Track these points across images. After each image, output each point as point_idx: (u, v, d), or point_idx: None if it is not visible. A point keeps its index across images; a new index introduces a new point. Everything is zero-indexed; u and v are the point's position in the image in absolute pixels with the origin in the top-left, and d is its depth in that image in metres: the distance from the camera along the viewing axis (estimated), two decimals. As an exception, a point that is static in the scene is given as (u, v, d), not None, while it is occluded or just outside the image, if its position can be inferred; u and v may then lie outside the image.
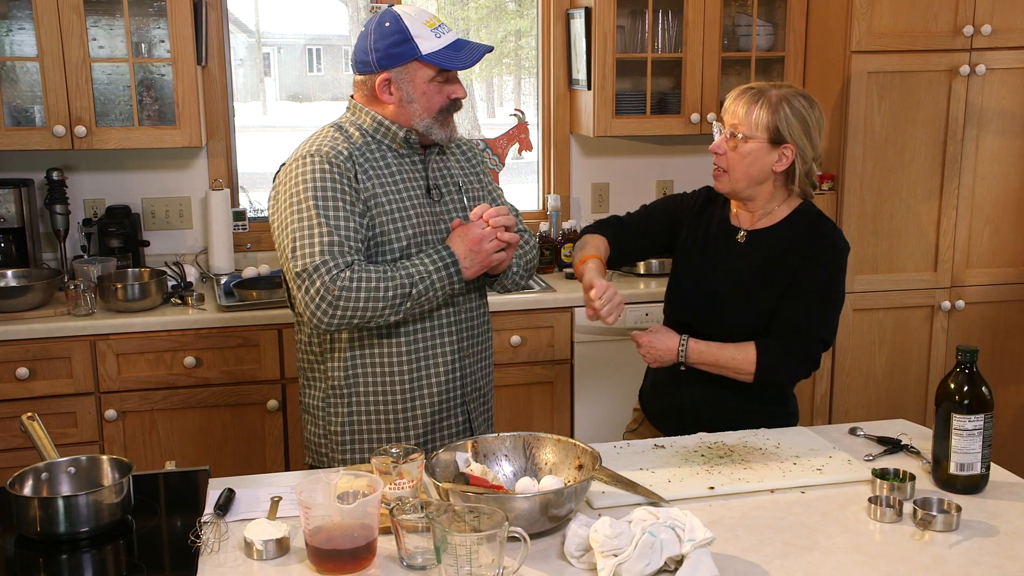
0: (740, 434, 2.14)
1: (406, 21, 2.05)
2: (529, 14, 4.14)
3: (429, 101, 2.09)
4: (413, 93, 2.08)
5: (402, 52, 2.05)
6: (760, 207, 2.27)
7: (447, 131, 2.15)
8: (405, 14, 2.07)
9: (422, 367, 2.15)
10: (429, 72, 2.07)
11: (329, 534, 1.55)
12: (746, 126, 2.17)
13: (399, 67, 2.07)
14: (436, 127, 2.12)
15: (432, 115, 2.11)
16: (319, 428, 2.21)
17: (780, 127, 2.17)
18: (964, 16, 3.42)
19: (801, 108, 2.18)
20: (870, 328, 3.58)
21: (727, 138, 2.21)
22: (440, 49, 2.05)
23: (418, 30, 2.05)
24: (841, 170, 3.48)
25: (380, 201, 2.08)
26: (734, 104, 2.21)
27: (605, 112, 3.59)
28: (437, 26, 2.08)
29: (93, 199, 3.53)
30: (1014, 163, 3.58)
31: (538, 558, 1.60)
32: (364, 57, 2.10)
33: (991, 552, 1.63)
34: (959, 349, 1.84)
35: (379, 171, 2.10)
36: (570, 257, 3.70)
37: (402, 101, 2.09)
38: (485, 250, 2.06)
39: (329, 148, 2.07)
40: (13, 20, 3.30)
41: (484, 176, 2.32)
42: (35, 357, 3.00)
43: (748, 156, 2.19)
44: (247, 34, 4.19)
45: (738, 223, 2.31)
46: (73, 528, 1.70)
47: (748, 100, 2.19)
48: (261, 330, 3.14)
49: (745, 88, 2.23)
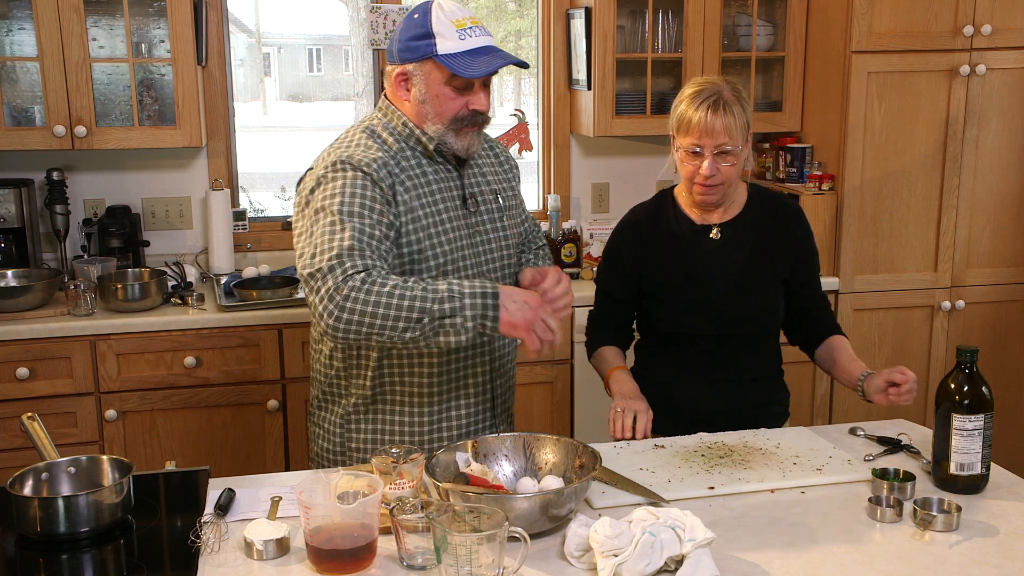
0: (740, 434, 2.14)
1: (433, 15, 1.93)
2: (529, 14, 4.14)
3: (442, 105, 1.96)
4: (427, 93, 1.97)
5: (419, 47, 1.94)
6: (729, 199, 2.29)
7: (464, 142, 2.01)
8: (437, 8, 1.94)
9: (452, 387, 2.07)
10: (443, 74, 1.94)
11: (329, 534, 1.55)
12: (734, 139, 2.15)
13: (416, 62, 1.96)
14: (450, 135, 1.99)
15: (445, 121, 1.98)
16: (334, 446, 2.13)
17: (750, 121, 2.20)
18: (964, 16, 3.42)
19: (745, 94, 2.21)
20: (870, 328, 3.58)
21: (713, 158, 2.16)
22: (458, 52, 1.92)
23: (442, 27, 1.92)
24: (841, 170, 3.48)
25: (417, 215, 1.97)
26: (714, 123, 2.12)
27: (605, 112, 3.59)
28: (466, 27, 1.93)
29: (93, 199, 3.53)
30: (1014, 163, 3.58)
31: (538, 558, 1.60)
32: (391, 46, 2.00)
33: (991, 552, 1.63)
34: (959, 349, 1.84)
35: (416, 181, 1.99)
36: (570, 257, 3.70)
37: (416, 100, 1.99)
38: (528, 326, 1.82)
39: (363, 155, 1.94)
40: (13, 20, 3.30)
41: (515, 181, 2.23)
42: (35, 357, 3.00)
43: (739, 163, 2.20)
44: (247, 34, 4.19)
45: (705, 221, 2.31)
46: (73, 528, 1.70)
47: (724, 113, 2.13)
48: (261, 330, 3.14)
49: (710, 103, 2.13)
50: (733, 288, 2.27)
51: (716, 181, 2.19)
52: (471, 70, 1.92)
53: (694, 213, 2.32)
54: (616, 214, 2.49)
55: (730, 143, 2.15)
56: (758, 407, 2.32)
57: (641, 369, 2.40)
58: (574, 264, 3.70)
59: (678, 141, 2.21)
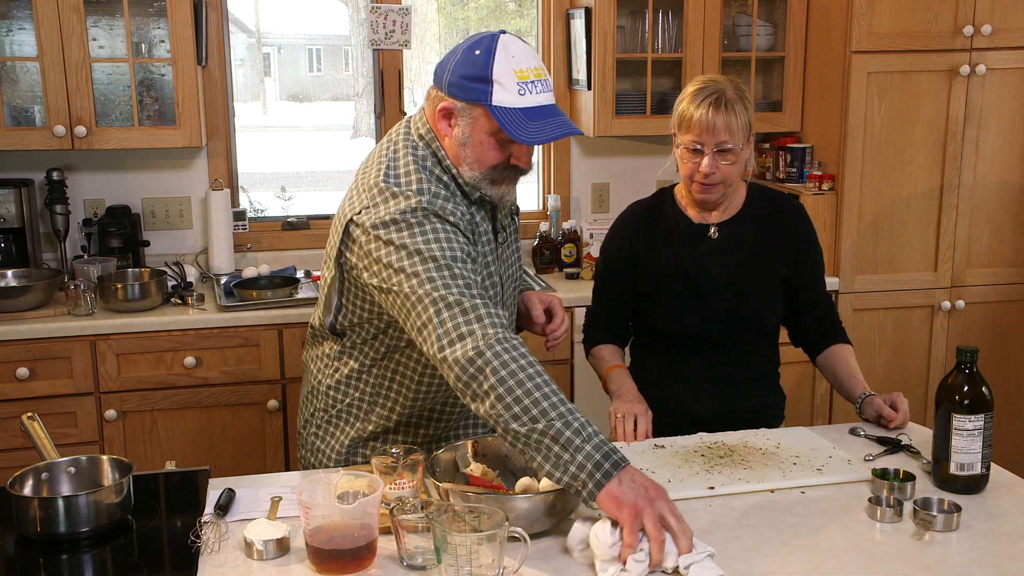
0: (740, 434, 2.14)
1: (497, 58, 1.76)
2: (529, 14, 4.14)
3: (483, 154, 1.82)
4: (470, 138, 1.82)
5: (473, 89, 1.78)
6: (728, 199, 2.29)
7: (499, 192, 1.88)
8: (503, 49, 1.77)
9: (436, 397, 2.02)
10: (491, 125, 1.79)
11: (329, 534, 1.55)
12: (735, 137, 2.16)
13: (465, 103, 1.80)
14: (486, 184, 1.86)
15: (483, 169, 1.84)
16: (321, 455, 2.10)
17: (751, 121, 2.20)
18: (964, 16, 3.42)
19: (748, 93, 2.22)
20: (870, 328, 3.58)
21: (713, 156, 2.16)
22: (514, 108, 1.76)
23: (502, 76, 1.76)
24: (841, 170, 3.48)
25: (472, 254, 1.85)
26: (715, 120, 2.13)
27: (605, 112, 3.59)
28: (529, 80, 1.77)
29: (93, 199, 3.53)
30: (1014, 163, 3.58)
31: (538, 558, 1.60)
32: (441, 72, 1.84)
33: (991, 552, 1.63)
34: (959, 349, 1.84)
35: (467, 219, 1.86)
36: (570, 257, 3.70)
37: (457, 140, 1.84)
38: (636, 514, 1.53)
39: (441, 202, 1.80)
40: (13, 20, 3.30)
41: None
42: (35, 357, 3.00)
43: (740, 162, 2.20)
44: (247, 34, 4.19)
45: (703, 220, 2.31)
46: (73, 528, 1.70)
47: (725, 111, 2.13)
48: (261, 330, 3.14)
49: (711, 101, 2.14)
50: (729, 288, 2.26)
51: (715, 180, 2.19)
52: (524, 135, 1.76)
53: (692, 212, 2.31)
54: (616, 214, 2.49)
55: (731, 141, 2.15)
56: (752, 409, 2.31)
57: (637, 368, 2.40)
58: (574, 264, 3.70)
59: (679, 138, 2.21)
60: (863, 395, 2.23)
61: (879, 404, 2.19)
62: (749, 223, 2.29)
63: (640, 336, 2.42)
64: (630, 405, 2.18)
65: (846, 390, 2.29)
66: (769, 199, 2.34)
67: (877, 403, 2.19)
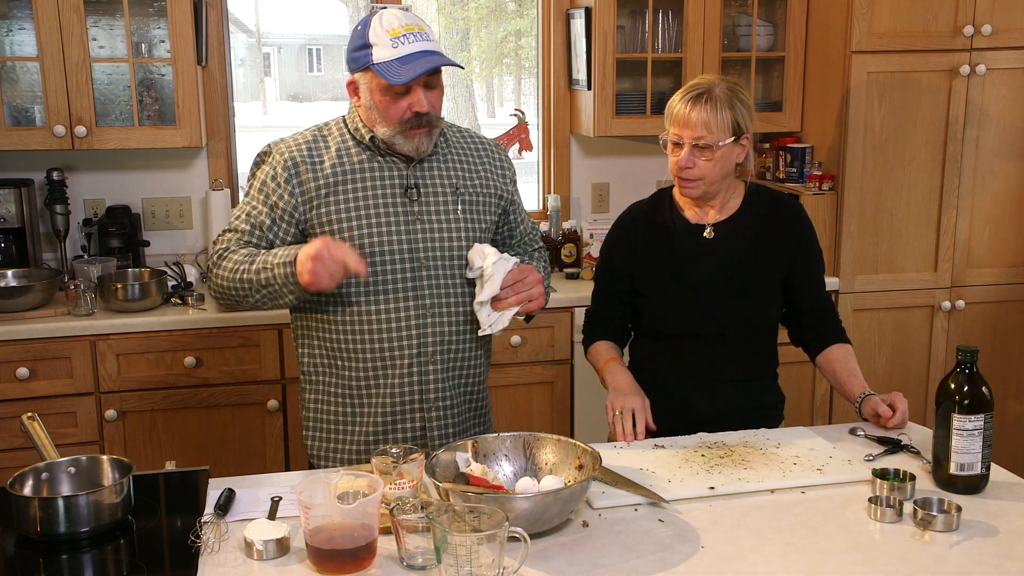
0: (740, 434, 2.14)
1: (371, 27, 2.02)
2: (529, 14, 4.15)
3: (386, 111, 2.05)
4: (371, 100, 2.06)
5: (359, 58, 2.04)
6: (722, 200, 2.29)
7: (412, 144, 2.08)
8: (376, 18, 2.03)
9: (378, 366, 2.12)
10: (380, 82, 2.02)
11: (329, 534, 1.55)
12: (712, 134, 2.16)
13: (359, 72, 2.06)
14: (400, 138, 2.07)
15: (392, 125, 2.06)
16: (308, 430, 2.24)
17: (739, 121, 2.20)
18: (964, 16, 3.42)
19: (745, 96, 2.22)
20: (870, 328, 3.58)
21: (691, 150, 2.18)
22: (389, 60, 1.99)
23: (377, 37, 2.01)
24: (841, 170, 3.48)
25: (339, 199, 2.07)
26: (691, 115, 2.16)
27: (605, 112, 3.59)
28: (401, 35, 2.01)
29: (93, 199, 3.53)
30: (1014, 163, 3.58)
31: (538, 558, 1.60)
32: (346, 55, 2.13)
33: (991, 552, 1.63)
34: (959, 349, 1.84)
35: (344, 169, 2.10)
36: (570, 257, 3.70)
37: (364, 106, 2.09)
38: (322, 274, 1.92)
39: (289, 142, 2.14)
40: (13, 20, 3.30)
41: (495, 180, 2.23)
42: (35, 357, 3.00)
43: (720, 160, 2.20)
44: (247, 34, 4.20)
45: (700, 220, 2.31)
46: (73, 528, 1.70)
47: (704, 107, 2.16)
48: (261, 330, 3.14)
49: (692, 96, 2.18)
50: (725, 288, 2.26)
51: (693, 175, 2.20)
52: (398, 76, 1.99)
53: (690, 212, 2.32)
54: (616, 214, 2.50)
55: (708, 137, 2.16)
56: (750, 410, 2.31)
57: (636, 368, 2.39)
58: (574, 264, 3.70)
59: (665, 133, 2.24)
60: (863, 395, 2.23)
61: (876, 403, 2.19)
62: (747, 223, 2.29)
63: (639, 336, 2.43)
64: (626, 397, 2.18)
65: (846, 390, 2.29)
66: (768, 199, 2.34)
67: (875, 402, 2.19)
